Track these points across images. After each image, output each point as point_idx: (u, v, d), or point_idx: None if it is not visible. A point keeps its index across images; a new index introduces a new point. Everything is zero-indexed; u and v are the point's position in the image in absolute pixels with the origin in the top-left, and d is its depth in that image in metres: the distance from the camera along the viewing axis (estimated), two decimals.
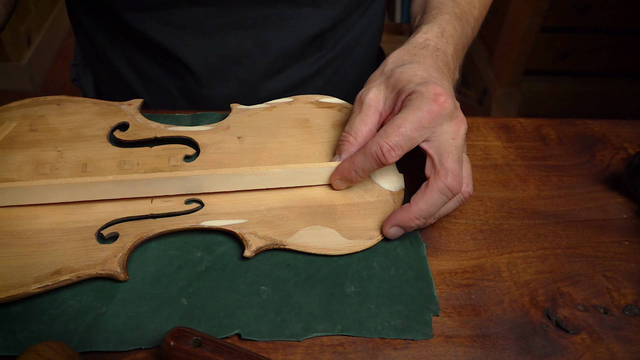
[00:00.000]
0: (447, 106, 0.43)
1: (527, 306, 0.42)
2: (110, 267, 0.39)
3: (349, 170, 0.45)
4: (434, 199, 0.42)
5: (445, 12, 0.54)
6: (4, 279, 0.38)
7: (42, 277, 0.38)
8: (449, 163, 0.42)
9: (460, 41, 0.54)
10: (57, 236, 0.41)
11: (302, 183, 0.47)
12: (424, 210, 0.42)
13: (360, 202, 0.47)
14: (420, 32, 0.51)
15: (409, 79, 0.45)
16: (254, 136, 0.51)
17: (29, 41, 1.83)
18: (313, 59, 0.66)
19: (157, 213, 0.44)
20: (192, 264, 0.42)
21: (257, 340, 0.39)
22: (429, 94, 0.42)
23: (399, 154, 0.43)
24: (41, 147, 0.47)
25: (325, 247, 0.43)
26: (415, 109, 0.42)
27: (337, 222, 0.45)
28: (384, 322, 0.40)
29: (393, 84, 0.46)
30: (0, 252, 0.40)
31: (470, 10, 0.58)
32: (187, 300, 0.40)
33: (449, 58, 0.50)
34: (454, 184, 0.42)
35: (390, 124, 0.43)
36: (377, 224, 0.45)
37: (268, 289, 0.41)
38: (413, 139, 0.42)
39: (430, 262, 0.45)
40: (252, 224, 0.44)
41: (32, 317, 0.38)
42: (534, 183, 0.53)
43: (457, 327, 0.41)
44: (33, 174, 0.45)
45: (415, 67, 0.46)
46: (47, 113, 0.50)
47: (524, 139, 0.58)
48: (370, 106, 0.46)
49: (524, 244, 0.47)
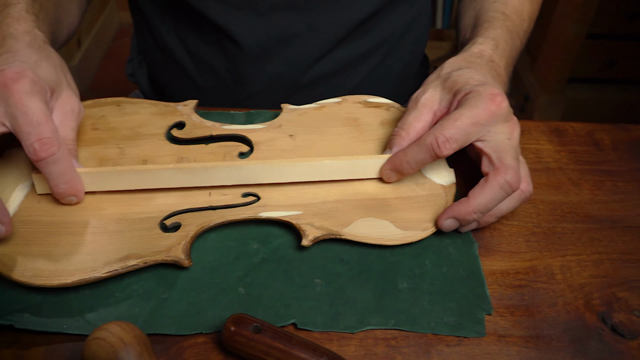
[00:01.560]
0: (504, 106, 0.43)
1: (582, 309, 0.42)
2: (175, 253, 0.41)
3: (401, 162, 0.46)
4: (493, 193, 0.42)
5: (497, 27, 0.55)
6: (75, 264, 0.40)
7: (111, 262, 0.40)
8: (508, 160, 0.42)
9: (511, 55, 0.55)
10: (123, 226, 0.43)
11: (354, 175, 0.48)
12: (482, 205, 0.42)
13: (413, 195, 0.47)
14: (475, 44, 0.52)
15: (466, 81, 0.45)
16: (305, 134, 0.53)
17: (79, 43, 1.90)
18: (358, 43, 0.66)
19: (216, 205, 0.45)
20: (248, 255, 0.44)
21: (312, 331, 0.40)
22: (487, 94, 0.43)
23: (454, 148, 0.43)
24: (103, 145, 0.49)
25: (381, 237, 0.44)
26: (472, 106, 0.43)
27: (391, 215, 0.45)
28: (437, 319, 0.41)
29: (450, 85, 0.46)
30: (68, 239, 0.42)
31: (520, 23, 0.58)
32: (245, 290, 0.41)
33: (501, 70, 0.51)
34: (514, 180, 0.42)
35: (447, 118, 0.43)
36: (430, 216, 0.46)
37: (322, 282, 0.42)
38: (469, 134, 0.43)
39: (482, 262, 0.45)
40: (307, 215, 0.45)
41: (99, 300, 0.40)
42: (588, 187, 0.52)
43: (510, 326, 0.41)
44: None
45: (472, 71, 0.47)
46: (107, 113, 0.52)
47: (577, 143, 0.57)
48: (425, 105, 0.47)
49: (577, 247, 0.47)
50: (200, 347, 0.38)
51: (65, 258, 0.40)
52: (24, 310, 0.39)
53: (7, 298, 0.39)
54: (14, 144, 0.48)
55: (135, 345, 0.34)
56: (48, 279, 0.39)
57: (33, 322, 0.38)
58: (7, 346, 0.38)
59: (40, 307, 0.39)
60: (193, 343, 0.38)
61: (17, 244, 0.41)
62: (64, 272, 0.39)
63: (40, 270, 0.39)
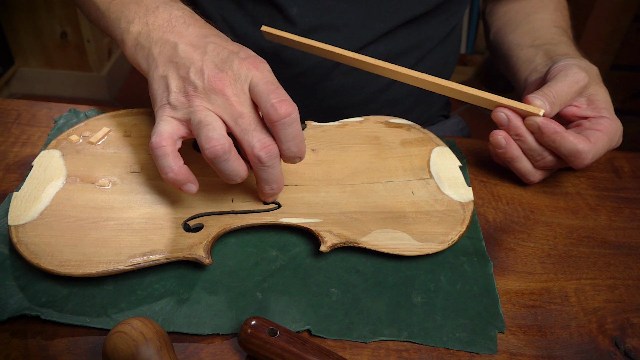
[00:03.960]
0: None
1: (595, 333, 0.42)
2: (196, 252, 0.42)
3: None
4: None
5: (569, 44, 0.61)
6: (100, 256, 0.42)
7: (134, 256, 0.42)
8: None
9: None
10: (147, 223, 0.45)
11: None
12: (600, 151, 0.50)
13: (431, 210, 0.48)
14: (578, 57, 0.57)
15: (605, 107, 0.53)
16: (327, 149, 0.54)
17: (109, 53, 1.96)
18: (397, 41, 0.67)
19: (238, 210, 0.47)
20: (267, 262, 0.45)
21: (326, 338, 0.40)
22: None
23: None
24: (135, 150, 0.51)
25: (398, 248, 0.45)
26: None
27: (409, 227, 0.46)
28: (449, 334, 0.41)
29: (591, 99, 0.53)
30: (95, 234, 0.43)
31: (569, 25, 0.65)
32: (262, 295, 0.42)
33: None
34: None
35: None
36: (448, 230, 0.46)
37: (337, 291, 0.43)
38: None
39: (497, 281, 0.45)
40: (327, 223, 0.46)
41: (122, 297, 0.42)
42: (606, 213, 0.53)
43: (522, 345, 0.41)
44: (124, 171, 0.49)
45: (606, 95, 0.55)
46: (139, 122, 0.54)
47: (596, 170, 0.58)
48: (578, 82, 0.51)
49: (593, 271, 0.47)
50: (217, 348, 0.39)
51: (91, 250, 0.42)
52: (50, 303, 0.40)
53: (36, 290, 0.41)
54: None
55: (156, 341, 0.35)
56: (73, 268, 0.40)
57: (58, 314, 0.40)
58: (33, 336, 0.39)
59: (66, 300, 0.41)
60: (210, 343, 0.39)
61: (46, 235, 0.43)
62: (89, 263, 0.41)
63: (67, 260, 0.41)
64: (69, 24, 1.78)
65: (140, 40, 0.48)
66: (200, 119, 0.42)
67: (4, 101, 0.60)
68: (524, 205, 0.53)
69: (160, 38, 0.47)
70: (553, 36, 0.62)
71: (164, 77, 0.45)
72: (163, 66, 0.45)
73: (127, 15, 0.50)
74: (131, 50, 0.49)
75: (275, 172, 0.44)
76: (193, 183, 0.44)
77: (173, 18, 0.48)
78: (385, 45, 0.67)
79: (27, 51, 1.85)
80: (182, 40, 0.46)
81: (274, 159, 0.43)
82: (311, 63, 0.66)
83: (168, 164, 0.42)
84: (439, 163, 0.53)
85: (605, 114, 0.51)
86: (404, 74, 0.53)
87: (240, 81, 0.43)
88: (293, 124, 0.42)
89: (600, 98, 0.52)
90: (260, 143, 0.42)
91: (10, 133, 0.56)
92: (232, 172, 0.43)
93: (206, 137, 0.41)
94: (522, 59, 0.63)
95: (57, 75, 1.90)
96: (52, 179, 0.47)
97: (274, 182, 0.45)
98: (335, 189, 0.50)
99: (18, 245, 0.42)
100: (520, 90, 0.62)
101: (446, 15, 0.69)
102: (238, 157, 0.43)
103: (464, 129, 0.80)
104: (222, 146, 0.41)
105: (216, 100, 0.43)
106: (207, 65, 0.43)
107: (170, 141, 0.43)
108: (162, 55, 0.46)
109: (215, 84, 0.43)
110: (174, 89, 0.44)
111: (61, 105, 0.60)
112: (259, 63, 0.44)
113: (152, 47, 0.47)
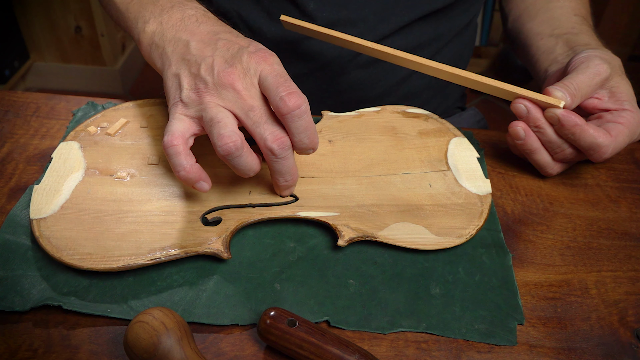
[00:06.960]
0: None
1: (616, 325, 0.42)
2: (215, 246, 0.43)
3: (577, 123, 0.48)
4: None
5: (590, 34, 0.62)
6: (121, 250, 0.42)
7: (154, 251, 0.42)
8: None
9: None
10: (166, 217, 0.45)
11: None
12: (620, 145, 0.49)
13: (448, 203, 0.48)
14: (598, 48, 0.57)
15: (627, 99, 0.52)
16: (344, 140, 0.54)
17: (123, 48, 1.97)
18: (415, 35, 0.67)
19: (255, 203, 0.47)
20: (285, 253, 0.45)
21: (345, 329, 0.40)
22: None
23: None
24: (152, 141, 0.52)
25: (415, 242, 0.44)
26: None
27: (426, 221, 0.46)
28: (468, 325, 0.41)
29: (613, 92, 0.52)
30: (115, 228, 0.44)
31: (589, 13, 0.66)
32: (280, 286, 0.43)
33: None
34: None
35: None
36: (465, 224, 0.46)
37: (355, 283, 0.43)
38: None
39: (516, 273, 0.45)
40: (344, 217, 0.46)
41: (142, 288, 0.42)
42: (626, 205, 0.52)
43: (542, 337, 0.41)
44: (141, 163, 0.49)
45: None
46: (156, 113, 0.55)
47: (616, 162, 0.57)
48: (599, 74, 0.51)
49: (614, 263, 0.46)
50: (236, 338, 0.39)
51: (111, 244, 0.42)
52: (72, 293, 0.41)
53: (57, 281, 0.42)
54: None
55: (176, 330, 0.35)
56: (95, 263, 0.41)
57: (80, 304, 0.40)
58: (55, 325, 0.40)
59: (87, 291, 0.41)
60: (229, 333, 0.40)
61: (67, 228, 0.43)
62: (110, 258, 0.41)
63: (88, 255, 0.41)
64: (83, 18, 1.79)
65: (155, 39, 0.49)
66: (212, 116, 0.42)
67: (22, 94, 0.61)
68: (542, 197, 0.52)
69: (174, 37, 0.47)
70: (574, 25, 0.62)
71: (176, 74, 0.45)
72: (176, 64, 0.46)
73: (144, 15, 0.51)
74: (147, 50, 0.50)
75: (289, 164, 0.44)
76: (205, 181, 0.44)
77: (186, 17, 0.49)
78: (401, 39, 0.66)
79: (42, 46, 1.87)
80: (194, 38, 0.46)
81: (286, 151, 0.43)
82: (327, 58, 0.66)
83: (180, 163, 0.43)
84: (456, 154, 0.53)
85: (627, 107, 0.51)
86: (424, 64, 0.53)
87: (249, 75, 0.43)
88: (303, 116, 0.42)
89: (622, 90, 0.51)
90: (272, 135, 0.42)
91: (29, 126, 0.57)
92: (245, 167, 0.43)
93: (218, 134, 0.42)
94: (541, 49, 0.62)
95: (72, 69, 1.92)
96: (71, 172, 0.48)
97: (287, 173, 0.45)
98: (351, 181, 0.50)
99: (40, 239, 0.42)
100: (541, 81, 0.61)
101: (464, 7, 0.68)
102: (251, 151, 0.43)
103: (481, 121, 0.79)
104: (235, 143, 0.41)
105: (227, 95, 0.43)
106: (217, 61, 0.44)
107: (181, 140, 0.43)
108: (175, 54, 0.46)
109: (225, 78, 0.43)
110: (185, 86, 0.44)
111: (79, 98, 0.60)
112: (268, 56, 0.44)
113: (166, 46, 0.47)
